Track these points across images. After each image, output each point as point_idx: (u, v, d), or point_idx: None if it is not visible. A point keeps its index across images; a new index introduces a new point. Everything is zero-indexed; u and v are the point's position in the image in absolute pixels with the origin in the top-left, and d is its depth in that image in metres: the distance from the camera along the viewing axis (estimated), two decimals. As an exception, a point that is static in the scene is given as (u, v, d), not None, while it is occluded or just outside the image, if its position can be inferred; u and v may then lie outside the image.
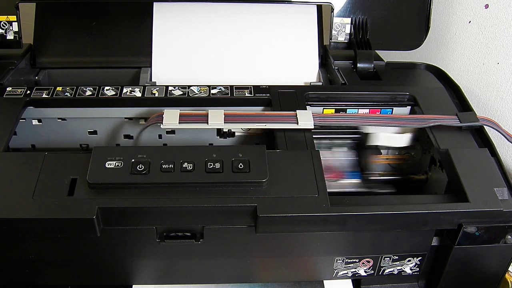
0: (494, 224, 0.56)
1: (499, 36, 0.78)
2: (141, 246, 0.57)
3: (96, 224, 0.51)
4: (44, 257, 0.57)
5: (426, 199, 0.57)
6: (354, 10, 0.81)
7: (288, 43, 0.78)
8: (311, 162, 0.57)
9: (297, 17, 0.79)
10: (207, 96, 0.68)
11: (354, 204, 0.55)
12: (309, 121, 0.62)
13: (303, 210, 0.52)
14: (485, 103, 0.81)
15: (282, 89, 0.69)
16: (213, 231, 0.55)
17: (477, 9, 0.82)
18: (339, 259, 0.60)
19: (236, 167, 0.54)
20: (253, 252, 0.59)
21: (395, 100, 0.71)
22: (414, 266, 0.62)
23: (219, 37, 0.77)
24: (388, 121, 0.66)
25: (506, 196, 0.56)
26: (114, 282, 0.61)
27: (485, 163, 0.59)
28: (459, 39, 0.87)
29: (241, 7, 0.78)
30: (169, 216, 0.53)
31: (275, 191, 0.54)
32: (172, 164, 0.54)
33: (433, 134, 0.63)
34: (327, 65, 0.81)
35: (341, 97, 0.70)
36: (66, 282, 0.61)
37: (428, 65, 0.82)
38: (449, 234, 0.58)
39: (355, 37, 0.82)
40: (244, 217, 0.53)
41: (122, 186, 0.53)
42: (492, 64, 0.80)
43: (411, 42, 0.83)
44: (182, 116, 0.61)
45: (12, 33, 0.78)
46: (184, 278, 0.62)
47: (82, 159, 0.54)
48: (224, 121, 0.62)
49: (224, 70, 0.77)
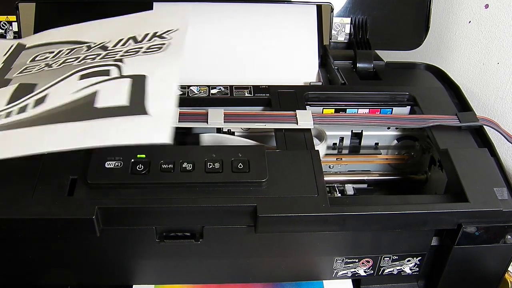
0: (493, 224, 0.56)
1: (499, 36, 0.78)
2: (141, 246, 0.57)
3: (96, 224, 0.51)
4: (44, 257, 0.57)
5: (426, 199, 0.57)
6: (354, 10, 0.81)
7: (288, 43, 0.78)
8: (311, 162, 0.57)
9: (297, 17, 0.79)
10: (206, 96, 0.68)
11: (354, 204, 0.55)
12: (309, 121, 0.62)
13: (302, 210, 0.52)
14: (485, 103, 0.81)
15: (282, 89, 0.69)
16: (213, 231, 0.55)
17: (477, 9, 0.82)
18: (339, 259, 0.60)
19: (236, 167, 0.54)
20: (252, 252, 0.59)
21: (395, 100, 0.71)
22: (413, 266, 0.62)
23: (219, 37, 0.77)
24: (388, 121, 0.66)
25: (506, 196, 0.56)
26: (114, 282, 0.61)
27: (485, 163, 0.59)
28: (459, 39, 0.87)
29: (241, 7, 0.78)
30: (169, 216, 0.53)
31: (275, 191, 0.54)
32: (172, 164, 0.54)
33: (433, 134, 0.63)
34: (327, 65, 0.81)
35: (340, 97, 0.70)
36: (66, 282, 0.61)
37: (428, 65, 0.82)
38: (448, 234, 0.58)
39: (355, 37, 0.82)
40: (244, 217, 0.53)
41: (122, 186, 0.53)
42: (492, 64, 0.80)
43: (411, 42, 0.83)
44: (182, 115, 0.61)
45: (12, 33, 0.78)
46: (184, 278, 0.62)
47: (82, 159, 0.54)
48: (223, 120, 0.62)
49: (224, 70, 0.77)
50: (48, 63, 0.57)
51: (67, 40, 0.62)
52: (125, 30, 0.61)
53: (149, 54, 0.55)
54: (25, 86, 0.55)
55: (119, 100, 0.50)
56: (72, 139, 0.47)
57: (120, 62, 0.54)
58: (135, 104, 0.49)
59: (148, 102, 0.49)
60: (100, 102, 0.50)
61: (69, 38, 0.62)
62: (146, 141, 0.46)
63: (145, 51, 0.56)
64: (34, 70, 0.57)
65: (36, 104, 0.52)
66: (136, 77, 0.52)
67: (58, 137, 0.47)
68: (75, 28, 0.63)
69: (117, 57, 0.55)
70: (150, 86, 0.51)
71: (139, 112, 0.49)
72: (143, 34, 0.59)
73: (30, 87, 0.54)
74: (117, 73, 0.53)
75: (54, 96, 0.52)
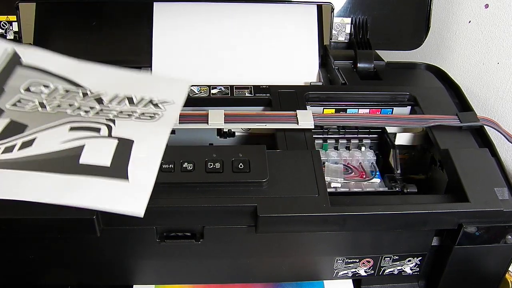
0: (494, 224, 0.56)
1: (499, 36, 0.78)
2: (141, 246, 0.57)
3: (96, 224, 0.51)
4: (44, 257, 0.57)
5: (426, 199, 0.57)
6: (354, 10, 0.81)
7: (288, 43, 0.78)
8: (311, 162, 0.57)
9: (297, 17, 0.79)
10: (207, 96, 0.68)
11: (354, 204, 0.55)
12: (309, 121, 0.62)
13: (303, 210, 0.52)
14: (485, 103, 0.81)
15: (282, 89, 0.69)
16: (213, 231, 0.55)
17: (477, 9, 0.82)
18: (339, 259, 0.60)
19: (236, 167, 0.54)
20: (253, 252, 0.59)
21: (395, 100, 0.71)
22: (414, 266, 0.62)
23: (219, 37, 0.77)
24: (388, 121, 0.66)
25: (506, 196, 0.56)
26: (114, 282, 0.61)
27: (485, 163, 0.59)
28: (459, 39, 0.87)
29: (241, 7, 0.78)
30: (169, 216, 0.53)
31: (275, 191, 0.54)
32: (172, 164, 0.54)
33: (433, 134, 0.63)
34: (327, 65, 0.81)
35: (341, 97, 0.70)
36: (66, 282, 0.61)
37: (428, 65, 0.82)
38: (449, 234, 0.58)
39: (355, 37, 0.82)
40: (244, 217, 0.53)
41: (122, 186, 0.53)
42: (492, 64, 0.80)
43: (411, 42, 0.83)
44: (182, 116, 0.61)
45: (12, 33, 0.78)
46: (184, 278, 0.62)
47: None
48: (224, 121, 0.62)
49: (224, 70, 0.77)
50: (42, 103, 0.59)
51: (64, 77, 0.63)
52: (123, 86, 0.63)
53: (141, 121, 0.57)
54: (16, 125, 0.56)
55: (102, 159, 0.51)
56: (50, 194, 0.48)
57: (112, 123, 0.56)
58: (117, 167, 0.51)
59: (130, 168, 0.51)
60: (84, 158, 0.51)
61: (67, 74, 0.63)
62: (120, 210, 0.48)
63: (138, 117, 0.58)
64: (28, 108, 0.58)
65: (22, 147, 0.53)
66: (123, 141, 0.54)
67: (38, 188, 0.49)
68: (74, 65, 0.64)
69: (110, 116, 0.57)
70: (134, 153, 0.52)
71: (119, 176, 0.50)
72: (139, 97, 0.61)
73: (20, 127, 0.56)
74: (106, 132, 0.55)
75: (42, 142, 0.53)
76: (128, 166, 0.51)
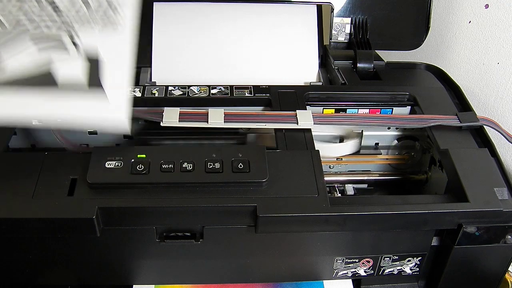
0: (494, 224, 0.56)
1: (499, 36, 0.78)
2: (141, 246, 0.57)
3: (96, 224, 0.51)
4: (44, 257, 0.57)
5: (426, 199, 0.57)
6: (354, 10, 0.81)
7: (288, 43, 0.78)
8: (311, 162, 0.57)
9: (297, 17, 0.79)
10: (207, 96, 0.68)
11: (354, 204, 0.55)
12: (309, 121, 0.62)
13: (303, 210, 0.52)
14: (485, 103, 0.81)
15: (282, 89, 0.69)
16: (213, 231, 0.55)
17: (477, 9, 0.82)
18: (339, 259, 0.60)
19: (236, 167, 0.54)
20: (253, 252, 0.59)
21: (395, 100, 0.71)
22: (414, 266, 0.62)
23: (219, 37, 0.77)
24: (388, 121, 0.66)
25: (506, 196, 0.56)
26: (114, 282, 0.61)
27: (485, 163, 0.59)
28: (459, 39, 0.87)
29: (241, 7, 0.78)
30: (169, 216, 0.53)
31: (275, 191, 0.54)
32: (172, 164, 0.54)
33: (433, 134, 0.63)
34: (327, 65, 0.81)
35: (341, 97, 0.70)
36: (66, 282, 0.61)
37: (428, 65, 0.82)
38: (449, 234, 0.58)
39: (355, 37, 0.82)
40: (244, 217, 0.53)
41: (122, 186, 0.53)
42: (492, 64, 0.80)
43: (411, 42, 0.83)
44: (182, 114, 0.61)
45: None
46: (184, 278, 0.62)
47: (82, 159, 0.54)
48: (224, 120, 0.62)
49: (224, 70, 0.77)
50: None
51: None
52: None
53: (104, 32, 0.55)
54: None
55: (78, 81, 0.52)
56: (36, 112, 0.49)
57: (77, 39, 0.54)
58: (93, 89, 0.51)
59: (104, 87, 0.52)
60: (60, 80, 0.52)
61: None
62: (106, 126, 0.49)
63: (97, 22, 0.56)
64: None
65: None
66: (92, 61, 0.53)
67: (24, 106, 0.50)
68: None
69: (72, 32, 0.55)
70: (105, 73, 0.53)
71: (98, 97, 0.51)
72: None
73: None
74: (76, 53, 0.54)
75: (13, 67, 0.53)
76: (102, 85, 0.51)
